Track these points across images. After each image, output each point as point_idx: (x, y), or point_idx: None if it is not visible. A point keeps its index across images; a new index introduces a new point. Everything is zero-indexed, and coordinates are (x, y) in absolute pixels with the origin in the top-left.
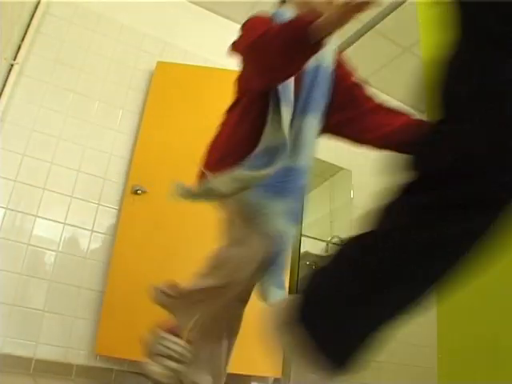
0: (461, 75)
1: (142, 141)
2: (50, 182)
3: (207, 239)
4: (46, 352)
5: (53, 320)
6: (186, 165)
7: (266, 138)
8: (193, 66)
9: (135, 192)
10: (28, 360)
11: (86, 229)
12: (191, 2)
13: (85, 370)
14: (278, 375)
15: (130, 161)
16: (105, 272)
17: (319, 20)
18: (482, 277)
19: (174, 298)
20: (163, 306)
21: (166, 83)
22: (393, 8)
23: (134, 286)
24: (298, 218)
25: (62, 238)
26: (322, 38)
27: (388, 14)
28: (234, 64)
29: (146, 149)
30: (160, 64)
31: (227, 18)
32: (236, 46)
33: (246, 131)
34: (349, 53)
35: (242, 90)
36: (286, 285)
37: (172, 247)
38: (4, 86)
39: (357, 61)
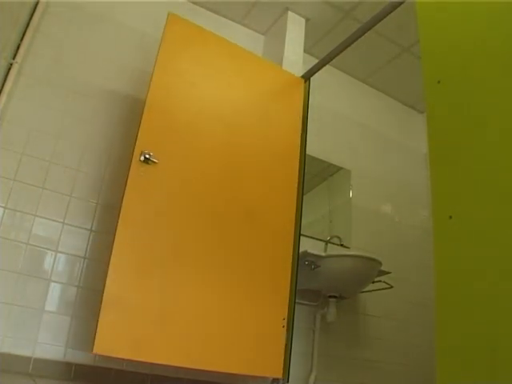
0: None
1: (150, 102)
2: (48, 181)
3: (226, 220)
4: (44, 351)
5: (52, 319)
6: (201, 135)
7: None
8: (205, 30)
9: (144, 160)
10: (27, 359)
11: (85, 228)
12: (191, 1)
13: (84, 370)
14: (279, 375)
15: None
16: (104, 271)
17: None
18: (481, 275)
19: None
20: None
21: (176, 40)
22: (393, 8)
23: (139, 274)
24: None
25: (61, 238)
26: None
27: (388, 14)
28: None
29: (156, 113)
30: (172, 16)
31: (227, 17)
32: None
33: None
34: (349, 53)
35: None
36: (287, 283)
37: (184, 230)
38: (3, 85)
39: (357, 61)
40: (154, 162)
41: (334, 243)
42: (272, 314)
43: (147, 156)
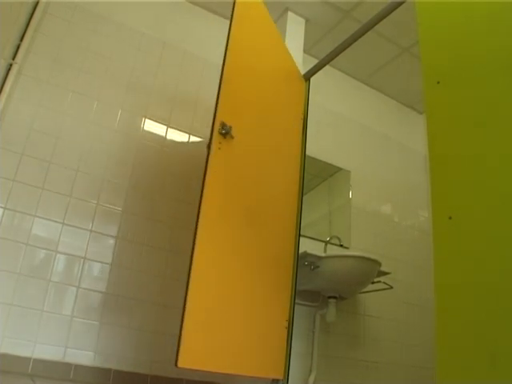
0: None
1: (227, 74)
2: (48, 181)
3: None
4: (44, 351)
5: (51, 319)
6: (274, 115)
7: None
8: (265, 8)
9: (224, 132)
10: (26, 359)
11: (84, 229)
12: (190, 2)
13: (83, 370)
14: (280, 376)
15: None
16: (103, 271)
17: None
18: (481, 276)
19: None
20: None
21: (245, 14)
22: (392, 8)
23: (220, 280)
24: None
25: (61, 238)
26: None
27: (388, 14)
28: None
29: (231, 87)
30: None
31: (227, 18)
32: None
33: None
34: (349, 53)
35: None
36: (289, 285)
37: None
38: (3, 85)
39: (357, 61)
40: (231, 137)
41: (333, 244)
42: (274, 316)
43: (225, 126)
